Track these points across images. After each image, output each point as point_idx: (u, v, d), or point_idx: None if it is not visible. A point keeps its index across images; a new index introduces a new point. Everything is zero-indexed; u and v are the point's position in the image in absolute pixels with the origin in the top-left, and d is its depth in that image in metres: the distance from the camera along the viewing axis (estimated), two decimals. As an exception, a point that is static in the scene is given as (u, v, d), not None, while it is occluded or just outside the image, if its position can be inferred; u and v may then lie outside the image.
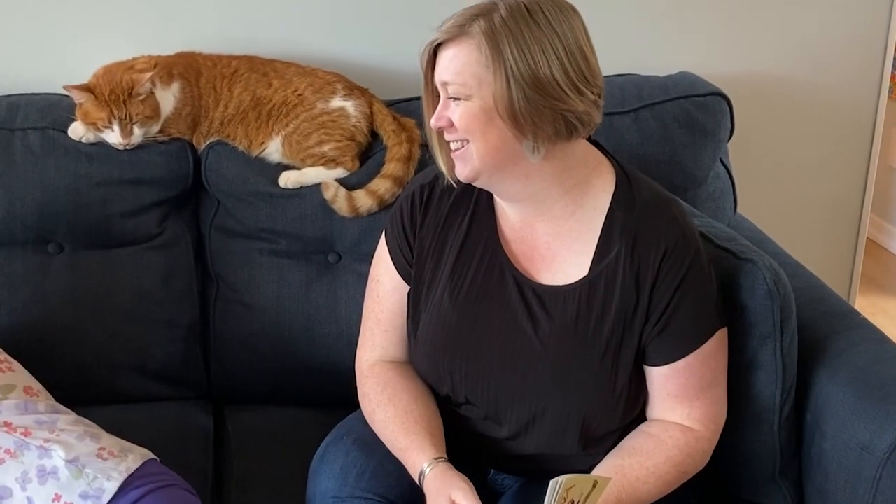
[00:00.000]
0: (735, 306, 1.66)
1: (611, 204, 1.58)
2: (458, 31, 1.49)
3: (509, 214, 1.63)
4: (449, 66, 1.50)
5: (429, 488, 1.53)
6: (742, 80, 2.38)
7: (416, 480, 1.56)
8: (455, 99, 1.50)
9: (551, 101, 1.47)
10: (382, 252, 1.72)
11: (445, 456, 1.57)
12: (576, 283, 1.57)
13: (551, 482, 1.35)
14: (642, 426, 1.61)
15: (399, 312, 1.70)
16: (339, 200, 2.00)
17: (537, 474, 1.60)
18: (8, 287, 1.98)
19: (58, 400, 1.77)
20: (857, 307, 2.61)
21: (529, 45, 1.46)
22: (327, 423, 1.76)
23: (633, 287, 1.55)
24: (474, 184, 1.57)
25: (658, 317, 1.55)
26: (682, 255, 1.55)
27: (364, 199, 2.00)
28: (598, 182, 1.59)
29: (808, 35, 2.46)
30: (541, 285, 1.59)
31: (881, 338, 1.76)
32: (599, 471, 1.55)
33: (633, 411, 1.62)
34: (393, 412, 1.62)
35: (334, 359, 1.99)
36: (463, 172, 1.55)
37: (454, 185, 1.62)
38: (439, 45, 1.51)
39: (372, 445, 1.63)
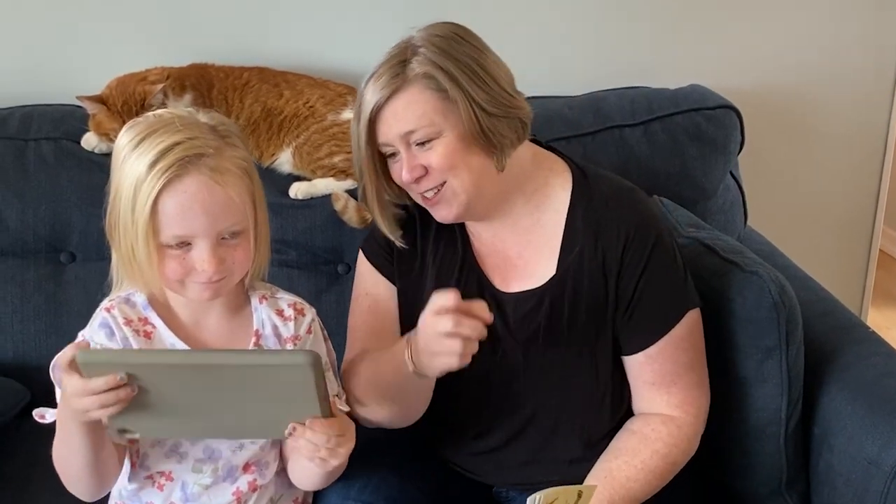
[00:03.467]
0: (740, 319, 1.66)
1: (570, 201, 1.59)
2: (398, 81, 1.49)
3: (479, 233, 1.64)
4: (406, 116, 1.49)
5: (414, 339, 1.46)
6: (752, 93, 2.38)
7: (407, 360, 1.48)
8: (420, 145, 1.50)
9: (506, 109, 1.51)
10: (363, 269, 1.71)
11: None
12: (545, 283, 1.59)
13: (528, 499, 1.33)
14: (626, 424, 1.62)
15: (380, 313, 1.68)
16: (349, 211, 2.01)
17: (540, 485, 1.60)
18: (20, 295, 1.99)
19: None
20: (870, 320, 2.61)
21: (470, 66, 1.49)
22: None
23: (601, 278, 1.56)
24: (460, 220, 1.58)
25: (626, 304, 1.56)
26: (643, 240, 1.56)
27: (373, 211, 2.00)
28: (556, 182, 1.61)
29: (819, 47, 2.45)
30: (513, 293, 1.60)
31: (889, 351, 1.75)
32: (589, 478, 1.55)
33: (623, 407, 1.62)
34: (370, 358, 1.59)
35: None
36: (451, 213, 1.55)
37: (403, 245, 1.63)
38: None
39: (375, 459, 1.62)
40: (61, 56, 2.20)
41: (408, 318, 1.66)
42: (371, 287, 1.70)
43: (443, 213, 1.56)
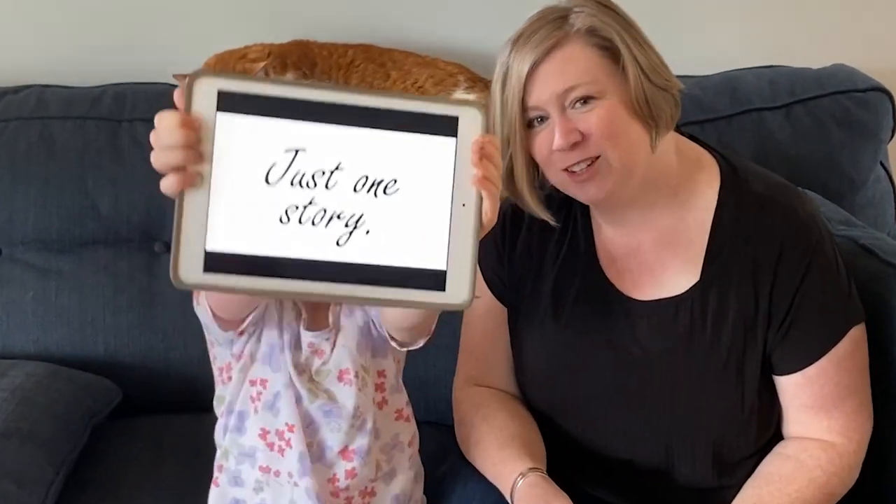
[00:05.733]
0: (905, 326, 1.54)
1: (718, 201, 1.49)
2: (558, 34, 1.40)
3: (611, 232, 1.54)
4: (567, 70, 1.40)
5: (521, 495, 1.44)
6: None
7: (508, 496, 1.46)
8: (582, 103, 1.39)
9: (664, 81, 1.44)
10: (479, 286, 1.64)
11: (544, 470, 1.48)
12: (686, 291, 1.49)
13: None
14: (777, 447, 1.52)
15: (490, 338, 1.63)
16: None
17: None
18: (113, 286, 1.97)
19: (163, 405, 1.89)
20: None
21: (630, 31, 1.42)
22: (425, 440, 1.64)
23: (751, 289, 1.46)
24: (609, 200, 1.46)
25: (781, 320, 1.46)
26: (801, 249, 1.45)
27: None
28: (703, 178, 1.51)
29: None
30: (647, 302, 1.51)
31: None
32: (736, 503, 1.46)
33: (768, 431, 1.52)
34: (486, 429, 1.55)
35: (431, 371, 1.87)
36: (602, 189, 1.43)
37: (555, 222, 1.54)
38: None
39: None
40: (156, 31, 2.17)
41: (517, 336, 1.61)
42: (485, 311, 1.63)
43: (592, 191, 1.44)
